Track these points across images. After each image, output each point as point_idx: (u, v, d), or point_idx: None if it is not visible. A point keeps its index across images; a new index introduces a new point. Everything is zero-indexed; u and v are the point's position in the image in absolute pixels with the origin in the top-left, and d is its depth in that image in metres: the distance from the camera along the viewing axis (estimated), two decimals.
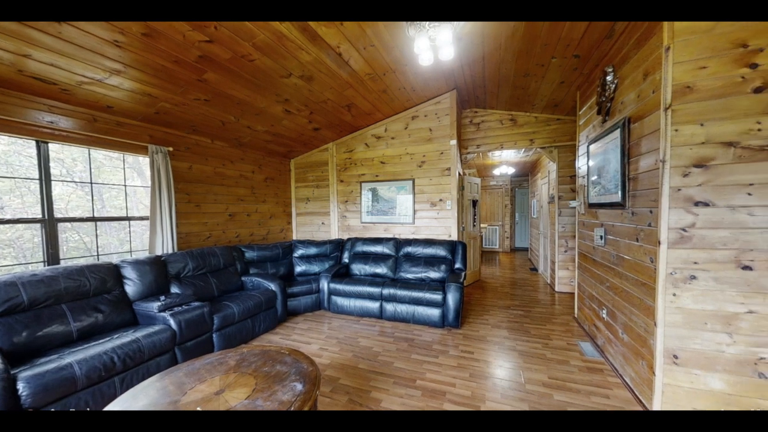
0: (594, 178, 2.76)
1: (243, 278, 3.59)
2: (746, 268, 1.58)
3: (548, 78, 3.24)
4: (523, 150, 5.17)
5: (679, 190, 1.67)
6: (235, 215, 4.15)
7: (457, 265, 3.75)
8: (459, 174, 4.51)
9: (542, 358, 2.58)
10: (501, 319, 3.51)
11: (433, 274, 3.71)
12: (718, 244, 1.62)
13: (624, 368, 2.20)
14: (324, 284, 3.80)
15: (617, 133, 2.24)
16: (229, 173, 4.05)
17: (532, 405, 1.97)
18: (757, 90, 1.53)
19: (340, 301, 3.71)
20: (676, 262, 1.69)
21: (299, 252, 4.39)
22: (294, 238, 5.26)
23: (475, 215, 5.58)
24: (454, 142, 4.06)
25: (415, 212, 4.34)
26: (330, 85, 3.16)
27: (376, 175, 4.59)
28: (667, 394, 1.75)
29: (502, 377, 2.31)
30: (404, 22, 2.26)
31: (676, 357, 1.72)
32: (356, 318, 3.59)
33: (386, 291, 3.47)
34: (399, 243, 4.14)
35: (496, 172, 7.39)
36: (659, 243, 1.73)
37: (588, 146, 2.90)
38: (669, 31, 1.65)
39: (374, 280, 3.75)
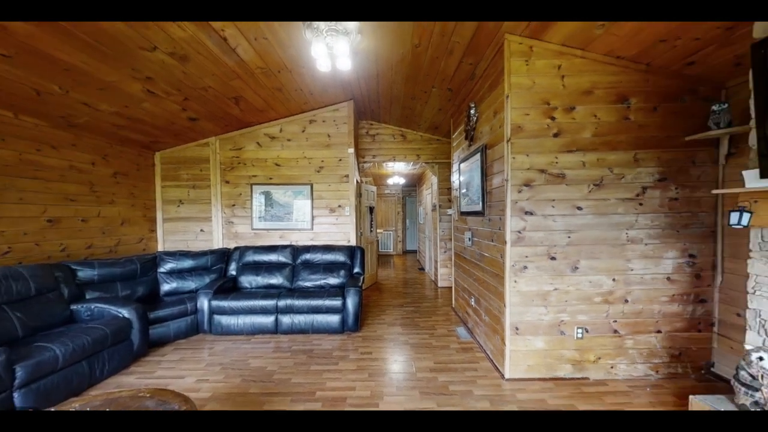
0: (464, 191, 3.37)
1: (75, 306, 2.66)
2: (553, 258, 2.25)
3: (430, 104, 3.78)
4: (412, 163, 5.82)
5: (516, 202, 2.24)
6: (60, 221, 3.04)
7: (356, 270, 3.87)
8: (357, 181, 4.68)
9: (429, 346, 2.94)
10: (396, 317, 3.81)
11: (333, 281, 3.70)
12: (538, 242, 2.25)
13: (486, 344, 2.76)
14: (203, 302, 3.23)
15: (478, 155, 2.82)
16: (51, 163, 2.95)
17: (422, 390, 2.22)
18: (555, 135, 2.22)
19: (226, 320, 3.24)
20: (516, 256, 2.25)
21: (168, 266, 3.59)
22: (160, 249, 4.26)
23: (372, 221, 5.89)
24: (352, 150, 4.19)
25: (313, 218, 4.24)
26: (212, 71, 2.75)
27: (270, 178, 4.25)
28: (513, 359, 2.29)
29: (397, 371, 2.51)
30: (300, 22, 2.20)
31: (517, 329, 2.29)
32: (246, 337, 3.21)
33: (282, 302, 3.24)
34: (296, 250, 3.95)
35: (390, 181, 8.05)
36: (505, 242, 2.26)
37: (459, 164, 3.52)
38: (508, 83, 2.21)
39: (268, 291, 3.45)
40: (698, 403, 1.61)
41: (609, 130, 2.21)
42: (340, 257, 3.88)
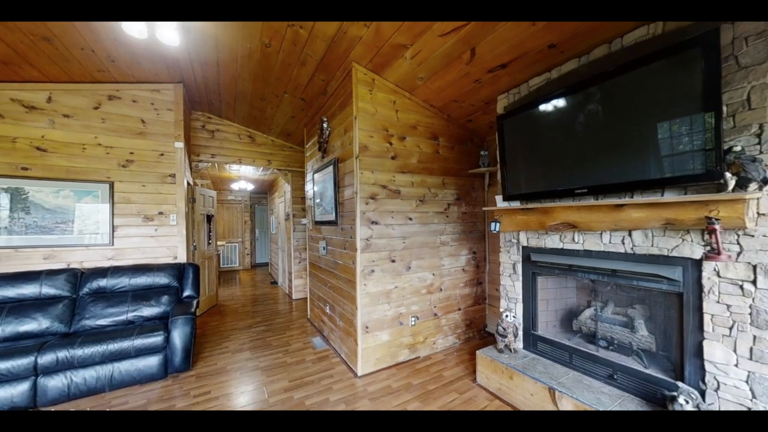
0: (318, 200, 3.43)
1: None
2: (393, 261, 2.66)
3: (282, 109, 3.65)
4: (262, 169, 5.37)
5: (365, 213, 2.50)
6: None
7: (187, 293, 3.12)
8: (188, 183, 3.83)
9: (283, 365, 2.75)
10: (243, 341, 3.34)
11: (149, 311, 2.82)
12: (382, 248, 2.59)
13: (341, 348, 2.87)
14: None
15: (331, 168, 2.96)
16: None
17: None
18: (393, 158, 2.66)
19: None
20: (365, 261, 2.50)
21: None
22: None
23: (210, 232, 4.95)
24: (180, 144, 3.40)
25: (114, 229, 3.10)
26: None
27: (25, 168, 2.79)
28: (365, 356, 2.50)
29: (245, 403, 2.19)
30: None
31: (367, 327, 2.52)
32: None
33: (49, 357, 2.16)
34: (80, 276, 2.77)
35: (235, 186, 7.07)
36: (357, 250, 2.47)
37: (313, 174, 3.57)
38: (356, 107, 2.46)
39: (15, 346, 2.21)
40: (481, 355, 2.32)
41: (428, 159, 2.87)
42: (161, 279, 3.02)
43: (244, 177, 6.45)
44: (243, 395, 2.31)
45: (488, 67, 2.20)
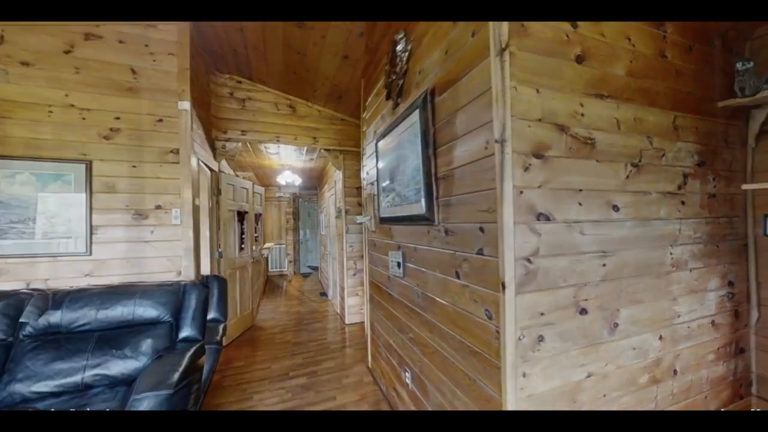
0: (386, 183, 2.03)
1: None
2: (583, 311, 1.09)
3: (329, 45, 2.35)
4: (306, 150, 4.24)
5: (522, 192, 1.00)
6: None
7: (213, 315, 1.97)
8: (205, 166, 2.78)
9: None
10: (273, 402, 2.11)
11: (121, 367, 1.71)
12: (560, 279, 1.05)
13: None
14: None
15: (416, 115, 1.52)
16: None
17: None
18: (578, 59, 1.11)
19: None
20: (526, 316, 0.99)
21: None
22: None
23: (243, 234, 3.95)
24: (187, 105, 2.30)
25: (92, 231, 2.11)
26: None
27: None
28: None
29: None
30: None
31: None
32: None
33: None
34: (22, 307, 1.77)
35: (281, 180, 6.16)
36: (503, 286, 0.97)
37: (376, 144, 2.18)
38: None
39: None
40: None
41: (646, 69, 1.25)
42: (151, 311, 1.91)
43: (287, 165, 5.45)
44: None
45: None
